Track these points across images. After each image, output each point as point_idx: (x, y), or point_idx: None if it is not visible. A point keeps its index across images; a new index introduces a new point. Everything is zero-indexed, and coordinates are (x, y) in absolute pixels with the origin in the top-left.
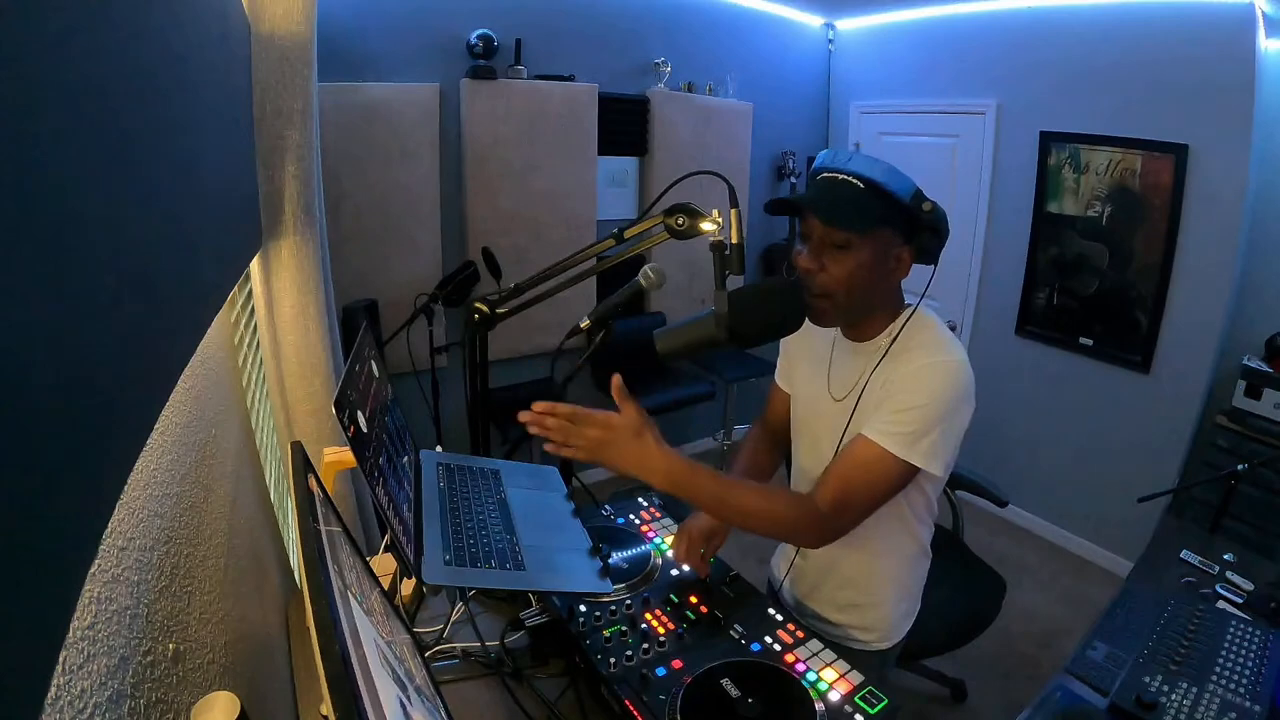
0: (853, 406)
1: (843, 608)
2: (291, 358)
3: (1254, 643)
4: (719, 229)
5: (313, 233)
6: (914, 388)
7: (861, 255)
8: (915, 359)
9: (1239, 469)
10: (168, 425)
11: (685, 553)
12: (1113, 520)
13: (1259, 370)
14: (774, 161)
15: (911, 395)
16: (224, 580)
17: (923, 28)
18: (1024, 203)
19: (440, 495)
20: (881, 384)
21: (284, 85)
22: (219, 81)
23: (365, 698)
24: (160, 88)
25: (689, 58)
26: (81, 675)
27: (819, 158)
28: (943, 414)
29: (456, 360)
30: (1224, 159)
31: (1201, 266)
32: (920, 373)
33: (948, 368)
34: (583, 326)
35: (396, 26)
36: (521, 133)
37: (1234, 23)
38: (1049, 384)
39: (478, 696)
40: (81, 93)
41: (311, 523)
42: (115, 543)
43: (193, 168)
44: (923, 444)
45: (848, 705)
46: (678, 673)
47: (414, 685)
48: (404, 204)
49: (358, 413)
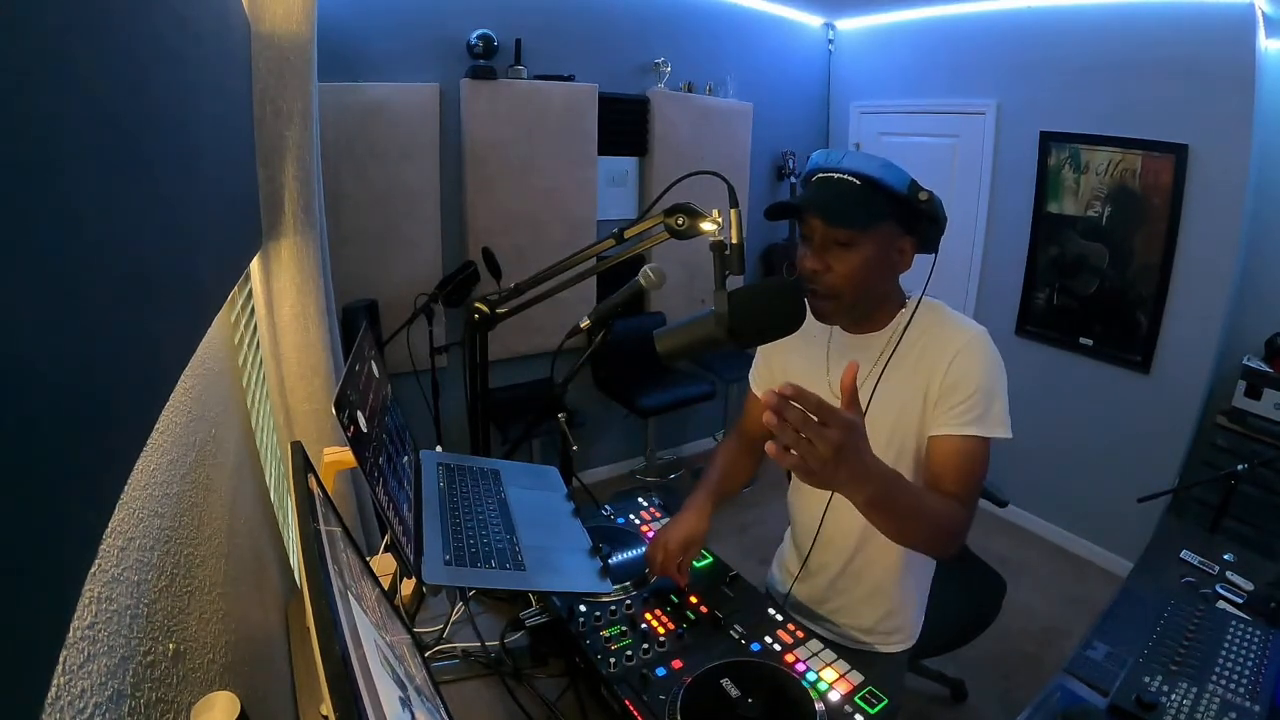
0: (866, 401)
1: (878, 618)
2: (291, 358)
3: (1254, 643)
4: (719, 229)
5: (313, 233)
6: (965, 371)
7: (866, 251)
8: (947, 343)
9: (1239, 469)
10: (168, 425)
11: (662, 564)
12: (1113, 520)
13: (1259, 370)
14: (774, 161)
15: (968, 379)
16: (224, 580)
17: (923, 28)
18: (1024, 203)
19: (440, 495)
20: (908, 375)
21: (284, 85)
22: (219, 81)
23: (365, 698)
24: (160, 88)
25: (689, 58)
26: (81, 675)
27: (812, 159)
28: (995, 383)
29: (456, 360)
30: (1224, 159)
31: (1201, 266)
32: (962, 355)
33: (979, 342)
34: (583, 326)
35: (396, 26)
36: (521, 133)
37: (1234, 23)
38: (1049, 384)
39: (478, 696)
40: (81, 93)
41: (311, 523)
42: (115, 543)
43: (193, 168)
44: (993, 416)
45: (848, 705)
46: (678, 673)
47: (414, 685)
48: (404, 204)
49: (358, 413)
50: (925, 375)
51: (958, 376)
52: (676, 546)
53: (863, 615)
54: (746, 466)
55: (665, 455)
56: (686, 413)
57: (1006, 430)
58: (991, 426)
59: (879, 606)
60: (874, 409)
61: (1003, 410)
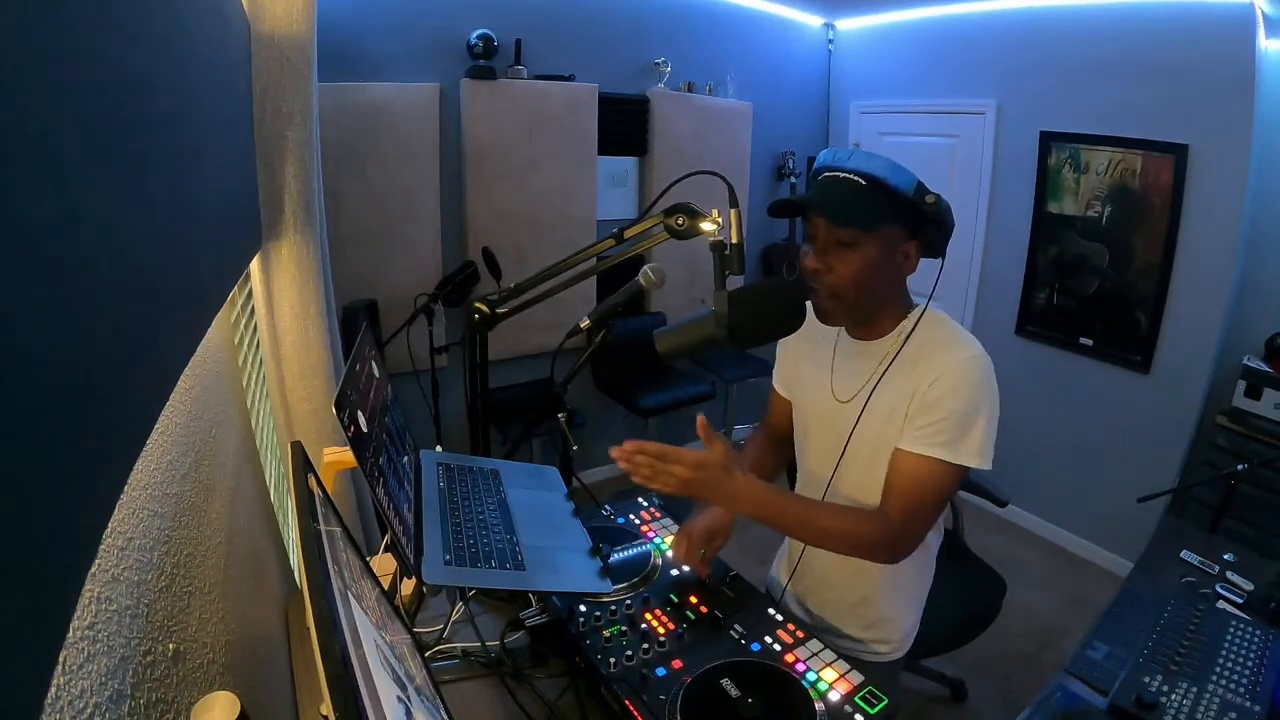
0: (860, 409)
1: (864, 626)
2: (291, 358)
3: (1254, 643)
4: (719, 229)
5: (313, 233)
6: (946, 391)
7: (869, 253)
8: (937, 361)
9: (1239, 469)
10: (168, 425)
11: (686, 553)
12: (1113, 520)
13: (1259, 370)
14: (774, 161)
15: (946, 400)
16: (224, 580)
17: (923, 28)
18: (1024, 203)
19: (440, 495)
20: (899, 387)
21: (284, 85)
22: (219, 81)
23: (365, 698)
24: (160, 88)
25: (689, 58)
26: (81, 675)
27: (820, 157)
28: (978, 410)
29: (456, 360)
30: (1224, 159)
31: (1201, 266)
32: (947, 375)
33: (973, 363)
34: (583, 326)
35: (396, 26)
36: (521, 133)
37: (1234, 23)
38: (1049, 384)
39: (478, 696)
40: (81, 93)
41: (311, 523)
42: (115, 543)
43: (193, 168)
44: (968, 444)
45: (847, 705)
46: (678, 673)
47: (414, 685)
48: (404, 204)
49: (358, 413)
50: (911, 388)
51: (937, 395)
52: (700, 537)
53: (849, 623)
54: (776, 459)
55: None
56: (686, 413)
57: (982, 461)
58: (962, 454)
59: (864, 616)
60: (865, 418)
61: (982, 439)
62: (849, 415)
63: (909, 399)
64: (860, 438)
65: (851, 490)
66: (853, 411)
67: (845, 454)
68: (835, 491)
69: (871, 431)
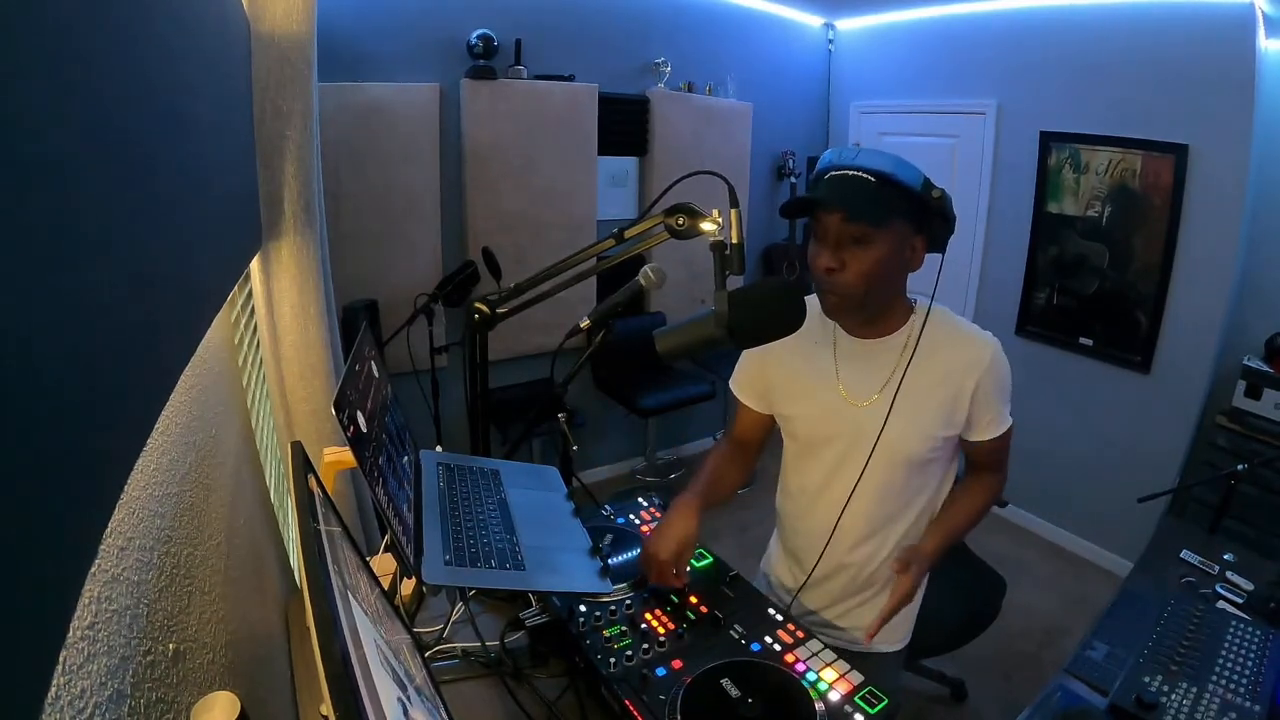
0: (887, 407)
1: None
2: (291, 358)
3: (1254, 643)
4: (719, 229)
5: (313, 233)
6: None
7: (881, 249)
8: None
9: (1239, 469)
10: (168, 425)
11: (657, 576)
12: (1113, 520)
13: (1259, 370)
14: (774, 161)
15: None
16: (224, 580)
17: (923, 28)
18: (1024, 203)
19: (440, 495)
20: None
21: (284, 85)
22: (219, 81)
23: (365, 697)
24: (159, 87)
25: (689, 58)
26: (81, 675)
27: (823, 158)
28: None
29: (456, 360)
30: (1224, 159)
31: (1201, 266)
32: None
33: (999, 352)
34: (583, 326)
35: (396, 26)
36: (521, 133)
37: (1234, 23)
38: (1049, 384)
39: (478, 696)
40: (80, 92)
41: (311, 523)
42: (115, 543)
43: (192, 168)
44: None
45: (847, 705)
46: (678, 673)
47: (414, 685)
48: (404, 204)
49: (358, 413)
50: (955, 384)
51: (991, 388)
52: (668, 557)
53: (865, 618)
54: (738, 471)
55: (665, 455)
56: (686, 413)
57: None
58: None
59: (866, 616)
60: (894, 415)
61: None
62: (874, 415)
63: (955, 392)
64: (887, 436)
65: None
66: (877, 411)
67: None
68: (858, 496)
69: (899, 427)
